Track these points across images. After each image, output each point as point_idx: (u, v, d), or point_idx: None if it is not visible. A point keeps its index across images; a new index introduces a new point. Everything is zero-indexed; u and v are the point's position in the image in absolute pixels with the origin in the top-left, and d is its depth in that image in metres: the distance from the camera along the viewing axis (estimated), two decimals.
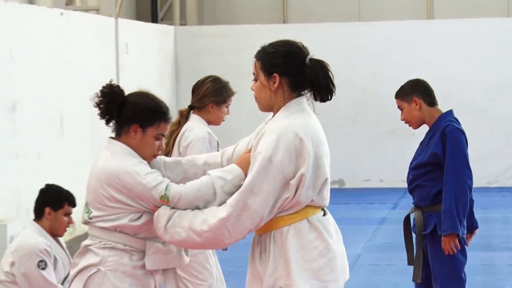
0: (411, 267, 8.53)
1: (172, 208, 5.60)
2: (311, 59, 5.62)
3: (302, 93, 5.68)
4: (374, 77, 21.25)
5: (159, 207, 5.61)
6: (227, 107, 8.70)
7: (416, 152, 8.58)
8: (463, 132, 8.21)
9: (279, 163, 5.44)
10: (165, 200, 5.57)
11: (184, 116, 8.63)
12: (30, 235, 9.35)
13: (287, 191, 5.49)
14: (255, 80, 5.77)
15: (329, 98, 5.69)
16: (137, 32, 19.85)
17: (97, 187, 5.72)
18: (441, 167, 8.14)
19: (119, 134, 5.82)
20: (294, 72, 5.63)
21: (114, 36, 18.19)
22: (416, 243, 8.31)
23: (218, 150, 8.02)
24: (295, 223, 5.55)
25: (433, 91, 8.38)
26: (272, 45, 5.78)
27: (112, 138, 5.85)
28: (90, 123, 16.01)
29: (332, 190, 5.80)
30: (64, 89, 15.72)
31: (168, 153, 8.42)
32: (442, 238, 8.02)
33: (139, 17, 23.05)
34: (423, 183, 8.29)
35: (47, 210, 9.31)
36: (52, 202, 9.37)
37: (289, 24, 22.82)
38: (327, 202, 5.69)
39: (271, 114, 5.81)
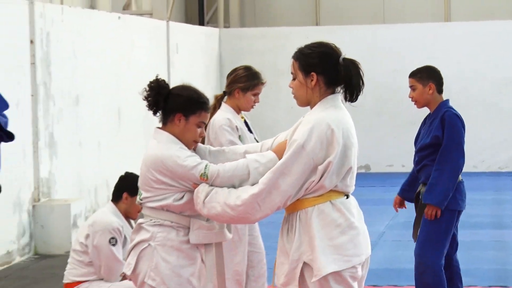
0: None
1: (211, 185, 5.64)
2: (344, 59, 5.63)
3: (336, 90, 5.66)
4: (396, 73, 20.94)
5: (199, 185, 5.68)
6: (254, 95, 8.44)
7: (418, 135, 8.65)
8: (459, 117, 8.23)
9: (311, 149, 5.46)
10: (204, 178, 5.63)
11: (218, 101, 8.44)
12: (107, 213, 9.46)
13: (314, 175, 5.51)
14: (294, 79, 5.77)
15: (358, 94, 5.69)
16: (186, 34, 19.76)
17: (145, 172, 5.82)
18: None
19: (165, 122, 5.90)
20: (329, 71, 5.62)
21: (166, 38, 18.14)
22: (418, 212, 8.35)
23: (238, 134, 8.24)
24: (319, 205, 5.56)
25: (443, 81, 8.40)
26: (308, 46, 5.77)
27: (158, 128, 5.95)
28: (144, 116, 15.92)
29: (359, 174, 5.83)
30: (121, 85, 15.74)
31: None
32: (427, 206, 8.08)
33: (187, 20, 22.85)
34: (428, 162, 8.29)
35: (125, 195, 9.39)
36: (130, 188, 9.37)
37: (321, 26, 22.54)
38: (350, 189, 5.72)
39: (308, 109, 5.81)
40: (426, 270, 8.13)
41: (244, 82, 8.20)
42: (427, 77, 8.25)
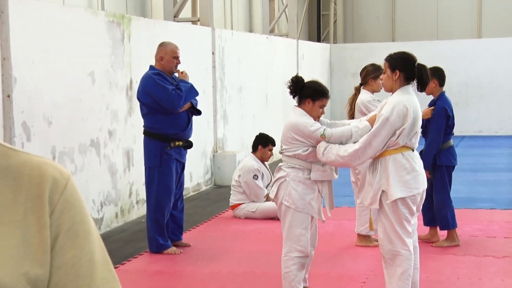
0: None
1: (327, 142, 5.67)
2: (418, 64, 5.67)
3: (411, 83, 5.68)
4: (470, 87, 19.87)
5: (319, 142, 5.73)
6: (381, 80, 8.06)
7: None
8: (445, 107, 7.82)
9: (393, 120, 5.50)
10: (323, 136, 5.68)
11: (358, 90, 8.03)
12: (250, 160, 9.85)
13: (394, 136, 5.51)
14: (384, 73, 5.82)
15: (425, 87, 5.72)
16: (308, 48, 19.28)
17: (285, 132, 5.86)
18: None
19: (300, 103, 5.96)
20: (407, 70, 5.66)
21: (296, 50, 17.85)
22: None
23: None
24: (394, 155, 5.57)
25: (445, 77, 7.95)
26: (395, 53, 5.82)
27: (296, 106, 6.02)
28: (282, 99, 16.04)
29: None
30: (268, 81, 15.57)
31: (351, 114, 7.99)
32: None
33: (310, 38, 22.42)
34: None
35: (260, 147, 9.83)
36: (263, 142, 9.86)
37: (396, 42, 21.49)
38: (415, 146, 5.67)
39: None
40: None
41: (374, 73, 7.83)
42: (432, 74, 7.51)
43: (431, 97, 8.00)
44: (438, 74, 7.88)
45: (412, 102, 5.64)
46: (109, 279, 1.41)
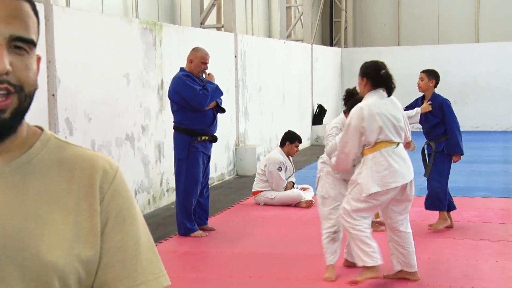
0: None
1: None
2: (384, 71, 5.66)
3: (379, 89, 5.66)
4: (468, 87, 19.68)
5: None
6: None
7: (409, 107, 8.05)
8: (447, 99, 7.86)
9: (354, 124, 5.56)
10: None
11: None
12: (276, 153, 9.74)
13: (362, 136, 5.55)
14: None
15: (391, 93, 5.70)
16: (322, 51, 19.09)
17: (325, 135, 6.20)
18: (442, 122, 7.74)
19: (345, 111, 6.14)
20: (373, 78, 5.68)
21: (310, 53, 17.69)
22: (430, 158, 7.80)
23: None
24: (374, 153, 5.58)
25: (439, 79, 7.83)
26: (367, 62, 5.85)
27: (344, 112, 6.24)
28: (298, 98, 15.84)
29: None
30: (285, 80, 15.50)
31: None
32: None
33: (323, 43, 22.23)
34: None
35: (287, 143, 9.70)
36: (290, 138, 9.73)
37: (401, 46, 21.41)
38: (397, 139, 5.65)
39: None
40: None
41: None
42: (431, 75, 7.84)
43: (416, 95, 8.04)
44: (436, 75, 7.87)
45: (374, 103, 5.65)
46: (153, 260, 1.43)
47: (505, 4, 21.53)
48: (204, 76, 7.77)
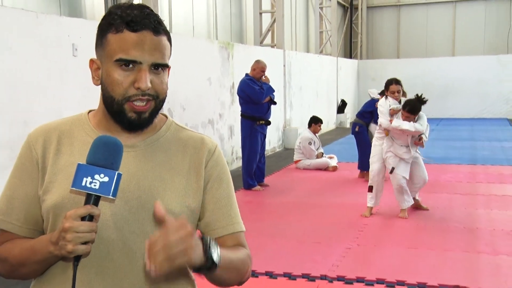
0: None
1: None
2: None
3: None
4: (447, 88, 18.93)
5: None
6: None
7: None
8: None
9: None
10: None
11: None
12: (306, 133, 9.39)
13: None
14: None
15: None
16: (344, 63, 18.46)
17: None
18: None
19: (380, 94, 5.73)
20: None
21: (336, 64, 17.35)
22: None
23: None
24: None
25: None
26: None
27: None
28: (327, 95, 15.38)
29: None
30: (318, 83, 15.13)
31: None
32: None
33: (345, 56, 21.50)
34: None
35: (313, 124, 9.36)
36: (314, 121, 9.39)
37: (400, 59, 20.33)
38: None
39: None
40: None
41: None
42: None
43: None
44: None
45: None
46: (238, 213, 1.43)
47: (475, 27, 20.79)
48: (263, 79, 7.69)
